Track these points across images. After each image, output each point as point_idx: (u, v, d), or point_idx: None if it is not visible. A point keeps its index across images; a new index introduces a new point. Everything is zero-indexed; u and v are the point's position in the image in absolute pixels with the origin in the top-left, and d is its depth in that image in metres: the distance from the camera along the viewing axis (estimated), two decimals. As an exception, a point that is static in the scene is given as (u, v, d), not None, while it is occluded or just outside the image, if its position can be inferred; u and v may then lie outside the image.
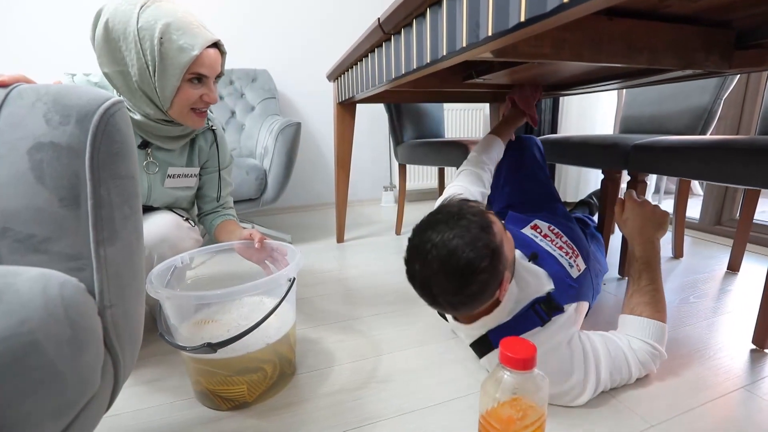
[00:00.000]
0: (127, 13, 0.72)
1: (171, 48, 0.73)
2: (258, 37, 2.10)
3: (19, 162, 0.41)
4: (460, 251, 0.55)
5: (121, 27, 0.72)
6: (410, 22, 0.71)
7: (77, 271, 0.42)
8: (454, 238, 0.56)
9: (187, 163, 0.93)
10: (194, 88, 0.79)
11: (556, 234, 0.87)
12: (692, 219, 1.70)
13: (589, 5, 0.38)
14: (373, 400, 0.71)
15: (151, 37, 0.72)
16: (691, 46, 0.75)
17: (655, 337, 0.71)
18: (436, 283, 0.57)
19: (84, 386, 0.37)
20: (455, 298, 0.57)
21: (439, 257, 0.56)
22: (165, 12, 0.74)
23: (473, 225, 0.57)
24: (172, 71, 0.75)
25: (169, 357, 0.86)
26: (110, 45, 0.73)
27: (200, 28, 0.77)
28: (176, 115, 0.81)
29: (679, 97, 1.34)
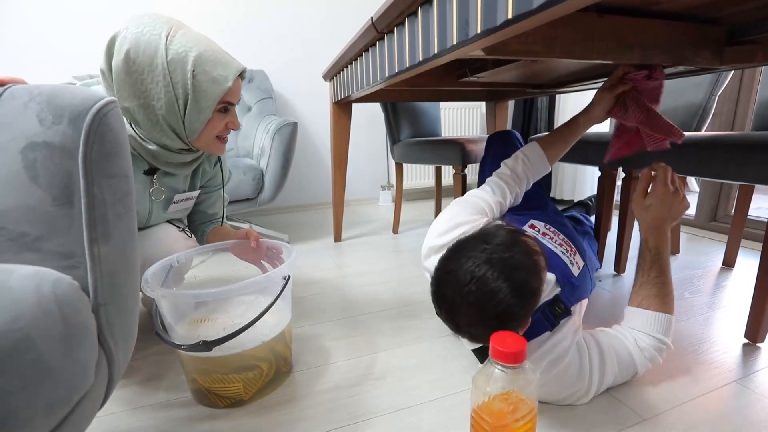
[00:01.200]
0: (152, 43, 0.67)
1: (204, 80, 0.71)
2: (254, 37, 2.10)
3: (13, 161, 0.42)
4: (501, 295, 0.52)
5: (146, 59, 0.67)
6: (402, 21, 0.72)
7: (71, 269, 0.42)
8: (498, 278, 0.52)
9: (190, 188, 0.92)
10: (222, 118, 0.77)
11: (553, 232, 0.86)
12: (688, 215, 1.71)
13: (576, 2, 0.39)
14: (368, 396, 0.72)
15: (183, 69, 0.69)
16: (682, 42, 0.75)
17: (663, 330, 0.69)
18: (466, 315, 0.55)
19: (77, 383, 0.37)
20: (481, 333, 0.55)
21: (477, 294, 0.53)
22: (194, 42, 0.70)
23: (521, 267, 0.54)
24: (205, 104, 0.72)
25: (166, 356, 0.86)
26: (133, 77, 0.68)
27: (228, 56, 0.75)
28: (201, 145, 0.79)
29: (674, 93, 1.35)
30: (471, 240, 0.59)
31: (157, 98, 0.70)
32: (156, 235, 0.86)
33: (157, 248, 0.83)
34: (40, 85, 0.47)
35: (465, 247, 0.58)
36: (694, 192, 2.53)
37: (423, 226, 1.91)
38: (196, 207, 1.00)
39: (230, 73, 0.73)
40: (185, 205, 0.93)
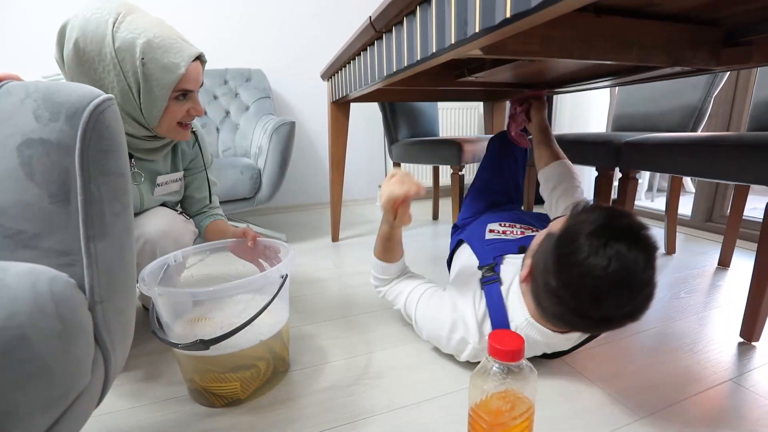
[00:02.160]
0: (99, 31, 0.65)
1: (155, 68, 0.68)
2: (252, 36, 2.10)
3: (9, 158, 0.41)
4: (651, 269, 0.53)
5: (94, 47, 0.65)
6: (401, 20, 0.72)
7: (67, 266, 0.42)
8: (634, 253, 0.52)
9: (171, 169, 0.92)
10: (180, 105, 0.76)
11: (510, 225, 0.97)
12: (684, 216, 1.72)
13: (573, 1, 0.39)
14: (365, 396, 0.72)
15: (132, 58, 0.66)
16: (680, 43, 0.76)
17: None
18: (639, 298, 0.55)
19: (73, 380, 0.37)
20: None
21: (638, 277, 0.52)
22: (143, 28, 0.68)
23: (637, 236, 0.54)
24: (159, 92, 0.71)
25: (163, 355, 0.86)
26: (84, 67, 0.66)
27: (181, 42, 0.73)
28: (163, 132, 0.78)
29: (671, 95, 1.36)
30: (570, 245, 0.54)
31: (111, 88, 0.68)
32: (156, 215, 0.86)
33: (158, 227, 0.83)
34: (36, 81, 0.46)
35: (576, 256, 0.53)
36: (690, 192, 2.55)
37: (420, 226, 1.91)
38: (186, 192, 0.99)
39: (182, 60, 0.71)
40: (172, 188, 0.92)
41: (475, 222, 1.03)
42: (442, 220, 2.02)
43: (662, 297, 1.07)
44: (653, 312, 0.99)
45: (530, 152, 1.45)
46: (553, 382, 0.73)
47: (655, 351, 0.83)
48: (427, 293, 0.82)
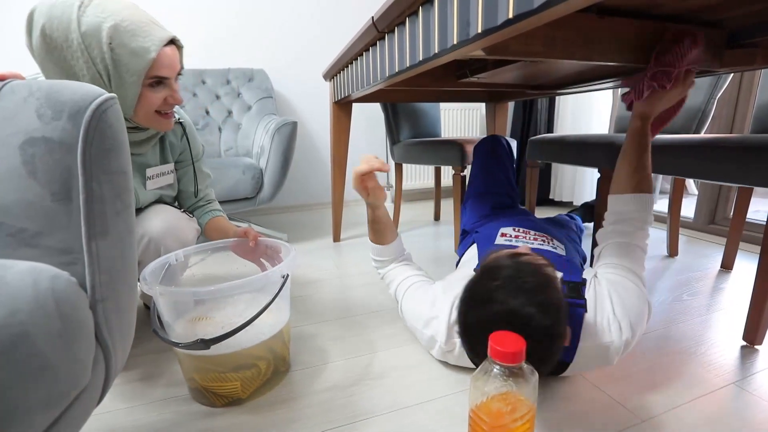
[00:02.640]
0: (65, 16, 0.62)
1: (124, 53, 0.65)
2: (255, 36, 2.11)
3: (11, 157, 0.42)
4: (535, 321, 0.51)
5: (61, 34, 0.62)
6: (403, 21, 0.72)
7: (69, 265, 0.42)
8: (525, 305, 0.52)
9: (161, 161, 0.90)
10: (156, 92, 0.72)
11: (524, 232, 0.91)
12: (687, 218, 1.71)
13: (577, 2, 0.39)
14: (366, 396, 0.72)
15: (99, 43, 0.63)
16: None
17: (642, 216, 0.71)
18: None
19: (75, 378, 0.37)
20: (546, 359, 0.55)
21: (518, 328, 0.50)
22: (110, 11, 0.64)
23: (538, 289, 0.54)
24: (130, 78, 0.67)
25: (164, 354, 0.86)
26: (53, 54, 0.64)
27: (152, 26, 0.69)
28: (142, 121, 0.75)
29: (673, 96, 1.35)
30: (479, 283, 0.59)
31: (82, 75, 0.65)
32: (159, 213, 0.86)
33: (161, 225, 0.83)
34: (39, 80, 0.47)
35: (478, 293, 0.58)
36: (692, 195, 2.54)
37: (422, 227, 1.90)
38: (179, 187, 0.98)
39: (152, 44, 0.67)
40: (165, 180, 0.91)
41: (489, 225, 1.01)
42: (444, 220, 2.02)
43: (664, 300, 1.07)
44: (655, 315, 0.98)
45: (530, 149, 1.44)
46: (553, 384, 0.73)
47: (657, 354, 0.82)
48: (414, 285, 0.85)
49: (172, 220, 0.86)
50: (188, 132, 0.95)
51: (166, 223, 0.84)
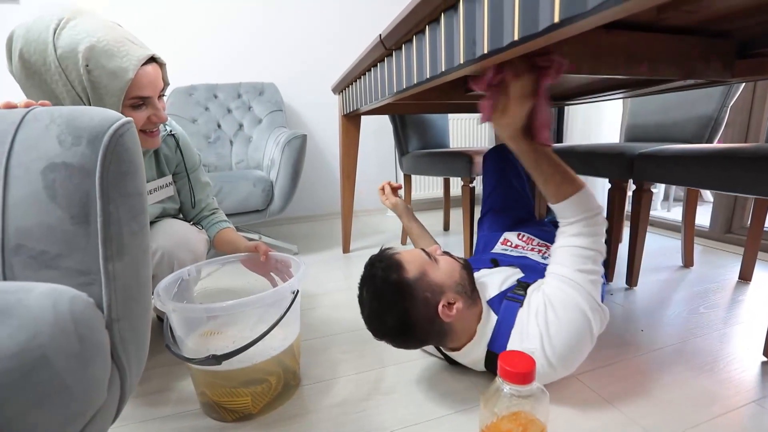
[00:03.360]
0: (41, 39, 0.62)
1: (101, 74, 0.64)
2: (266, 51, 2.15)
3: (34, 182, 0.43)
4: (390, 322, 0.68)
5: (39, 57, 0.62)
6: (410, 39, 0.73)
7: (87, 286, 0.43)
8: (372, 295, 0.71)
9: (157, 175, 0.90)
10: (139, 112, 0.71)
11: (526, 240, 0.97)
12: (702, 227, 1.68)
13: (582, 24, 0.39)
14: (376, 412, 0.71)
15: (75, 65, 0.63)
16: (692, 56, 0.75)
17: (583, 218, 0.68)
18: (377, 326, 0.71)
19: (91, 399, 0.38)
20: (394, 338, 0.70)
21: (370, 309, 0.71)
22: (85, 32, 0.63)
23: (381, 273, 0.69)
24: (109, 100, 0.66)
25: (177, 367, 0.87)
26: (33, 79, 0.63)
27: (129, 44, 0.67)
28: None
29: (684, 105, 1.34)
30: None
31: (62, 98, 0.65)
32: (170, 227, 0.87)
33: (174, 239, 0.84)
34: (61, 107, 0.48)
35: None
36: (708, 202, 2.49)
37: (431, 237, 1.90)
38: (180, 198, 0.98)
39: (130, 64, 0.66)
40: (164, 194, 0.91)
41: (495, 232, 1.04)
42: (453, 230, 2.02)
43: (679, 312, 1.05)
44: (670, 328, 0.96)
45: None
46: (566, 401, 0.72)
47: (673, 369, 0.80)
48: None
49: (183, 233, 0.88)
50: (182, 144, 0.94)
51: (178, 236, 0.86)
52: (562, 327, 0.64)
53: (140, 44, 0.70)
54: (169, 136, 0.92)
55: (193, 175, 0.98)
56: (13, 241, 0.43)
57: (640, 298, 1.14)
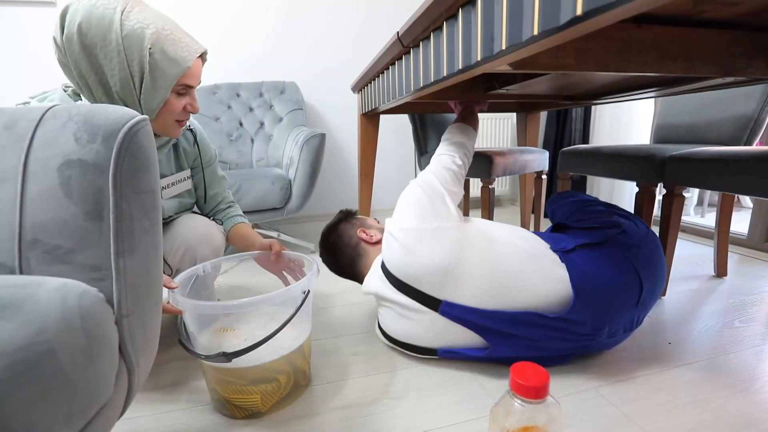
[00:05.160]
0: (106, 16, 0.65)
1: (162, 59, 0.69)
2: (288, 50, 2.17)
3: (50, 178, 0.44)
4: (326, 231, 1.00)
5: (99, 33, 0.65)
6: (428, 36, 0.71)
7: (98, 281, 0.44)
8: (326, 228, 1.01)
9: (176, 169, 0.92)
10: (179, 100, 0.76)
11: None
12: (739, 234, 1.58)
13: (607, 17, 0.36)
14: (384, 417, 0.70)
15: (139, 46, 0.67)
16: (732, 51, 0.70)
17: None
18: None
19: (96, 394, 0.38)
20: (327, 255, 0.98)
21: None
22: (152, 19, 0.68)
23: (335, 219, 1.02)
24: (163, 83, 0.70)
25: (191, 361, 0.89)
26: (86, 51, 0.66)
27: (188, 37, 0.74)
28: (159, 127, 0.77)
29: (720, 104, 1.26)
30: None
31: (111, 75, 0.67)
32: (192, 222, 0.89)
33: (196, 234, 0.87)
34: (80, 104, 0.49)
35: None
36: (746, 208, 2.35)
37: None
38: (196, 193, 1.00)
39: (189, 54, 0.71)
40: (182, 187, 0.92)
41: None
42: (472, 232, 1.98)
43: (712, 325, 0.99)
44: (701, 342, 0.91)
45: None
46: (584, 415, 0.68)
47: (703, 387, 0.75)
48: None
49: (204, 228, 0.90)
50: (199, 138, 0.96)
51: (199, 232, 0.88)
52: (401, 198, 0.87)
53: (193, 38, 0.75)
54: (188, 130, 0.94)
55: (210, 169, 1.00)
56: (29, 235, 0.44)
57: (669, 308, 1.08)
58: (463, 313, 0.74)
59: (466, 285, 0.74)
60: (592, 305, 0.73)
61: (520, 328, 0.73)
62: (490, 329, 0.74)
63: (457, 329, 0.76)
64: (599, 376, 0.79)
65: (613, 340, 0.82)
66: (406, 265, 0.77)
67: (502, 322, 0.74)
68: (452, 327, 0.76)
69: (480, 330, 0.75)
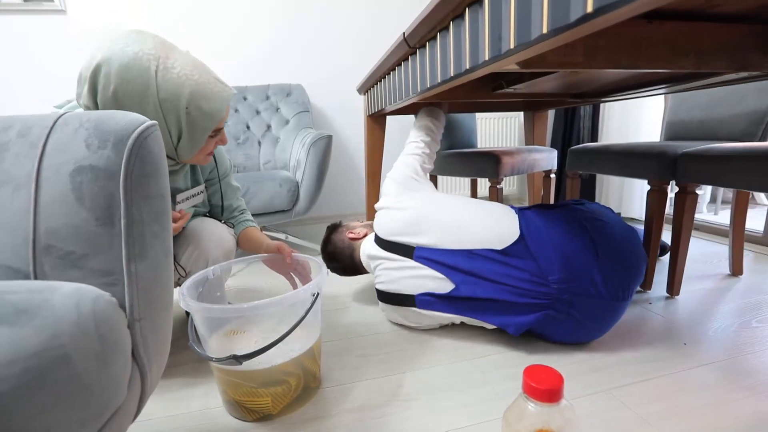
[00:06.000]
0: (141, 81, 0.65)
1: (198, 116, 0.71)
2: (294, 53, 2.18)
3: (62, 184, 0.45)
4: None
5: (136, 96, 0.65)
6: (434, 36, 0.71)
7: (110, 286, 0.44)
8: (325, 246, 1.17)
9: (192, 184, 0.93)
10: (212, 140, 0.80)
11: None
12: (755, 231, 1.55)
13: (619, 14, 0.36)
14: (394, 419, 0.70)
15: (176, 108, 0.69)
16: (745, 46, 0.69)
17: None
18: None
19: (110, 398, 0.38)
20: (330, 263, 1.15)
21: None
22: (186, 75, 0.68)
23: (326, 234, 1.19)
24: (199, 136, 0.74)
25: (202, 365, 0.89)
26: (123, 110, 0.64)
27: (219, 84, 0.74)
28: (190, 162, 0.81)
29: (732, 100, 1.24)
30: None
31: None
32: (206, 227, 0.91)
33: (210, 238, 0.88)
34: (90, 111, 0.50)
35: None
36: (762, 205, 2.30)
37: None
38: (211, 202, 1.02)
39: (222, 105, 0.74)
40: (195, 201, 0.94)
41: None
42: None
43: (728, 325, 0.97)
44: (717, 343, 0.89)
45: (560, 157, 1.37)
46: (598, 418, 0.67)
47: (719, 389, 0.74)
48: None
49: (217, 231, 0.91)
50: (215, 151, 0.98)
51: (214, 235, 0.90)
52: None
53: (221, 80, 0.75)
54: None
55: (225, 181, 1.02)
56: (43, 241, 0.44)
57: (683, 308, 1.06)
58: (431, 254, 0.89)
59: (432, 229, 0.90)
60: (538, 247, 0.83)
61: (477, 262, 0.85)
62: (454, 267, 0.87)
63: (428, 273, 0.89)
64: (613, 377, 0.78)
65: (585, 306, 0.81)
66: (388, 223, 0.97)
67: (461, 259, 0.87)
68: (424, 271, 0.90)
69: (445, 269, 0.88)
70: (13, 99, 1.88)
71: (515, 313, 0.85)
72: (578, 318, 0.82)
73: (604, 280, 0.81)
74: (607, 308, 0.82)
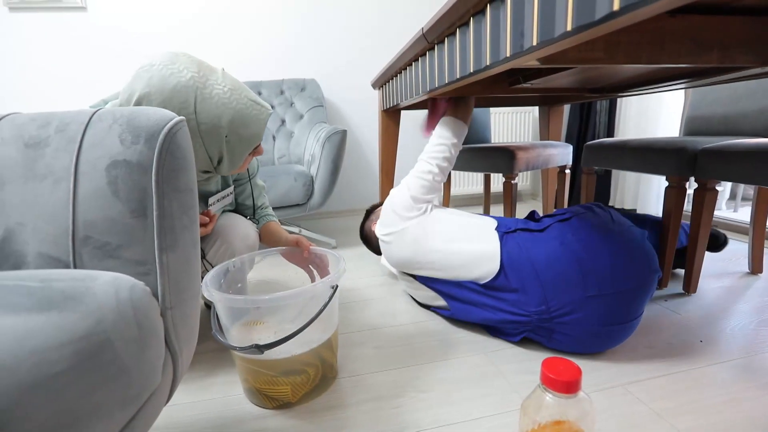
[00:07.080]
0: (183, 112, 0.67)
1: (238, 142, 0.74)
2: (308, 48, 2.19)
3: (99, 178, 0.47)
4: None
5: None
6: (453, 32, 0.71)
7: (144, 275, 0.46)
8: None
9: (222, 186, 0.96)
10: (251, 156, 0.83)
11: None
12: (775, 230, 1.51)
13: (646, 11, 0.36)
14: (411, 409, 0.71)
15: (217, 136, 0.71)
16: (771, 40, 0.67)
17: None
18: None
19: (147, 381, 0.41)
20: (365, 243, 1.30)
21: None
22: (222, 104, 0.69)
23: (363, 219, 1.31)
24: (239, 158, 0.78)
25: (224, 354, 0.92)
26: None
27: (256, 107, 0.75)
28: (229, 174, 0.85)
29: (757, 94, 1.21)
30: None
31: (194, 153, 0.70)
32: (232, 222, 0.94)
33: (237, 233, 0.92)
34: (123, 108, 0.52)
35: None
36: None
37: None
38: (238, 201, 1.06)
39: (261, 128, 0.77)
40: (225, 202, 0.98)
41: None
42: (493, 228, 1.96)
43: (746, 324, 0.96)
44: (734, 341, 0.88)
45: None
46: (613, 411, 0.68)
47: (735, 387, 0.74)
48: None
49: (242, 227, 0.95)
50: None
51: (238, 230, 0.93)
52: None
53: (258, 99, 0.77)
54: None
55: (253, 181, 1.06)
56: (81, 232, 0.47)
57: (699, 305, 1.06)
58: (428, 282, 1.00)
59: (424, 268, 0.97)
60: (517, 280, 0.84)
61: (464, 292, 0.93)
62: (448, 294, 0.97)
63: (431, 294, 1.02)
64: (628, 372, 0.78)
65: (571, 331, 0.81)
66: (388, 257, 1.06)
67: (453, 287, 0.95)
68: (428, 293, 1.02)
69: (443, 294, 0.98)
70: (35, 95, 1.94)
71: (505, 333, 0.92)
72: (564, 341, 0.84)
73: (595, 307, 0.78)
74: (598, 333, 0.80)
